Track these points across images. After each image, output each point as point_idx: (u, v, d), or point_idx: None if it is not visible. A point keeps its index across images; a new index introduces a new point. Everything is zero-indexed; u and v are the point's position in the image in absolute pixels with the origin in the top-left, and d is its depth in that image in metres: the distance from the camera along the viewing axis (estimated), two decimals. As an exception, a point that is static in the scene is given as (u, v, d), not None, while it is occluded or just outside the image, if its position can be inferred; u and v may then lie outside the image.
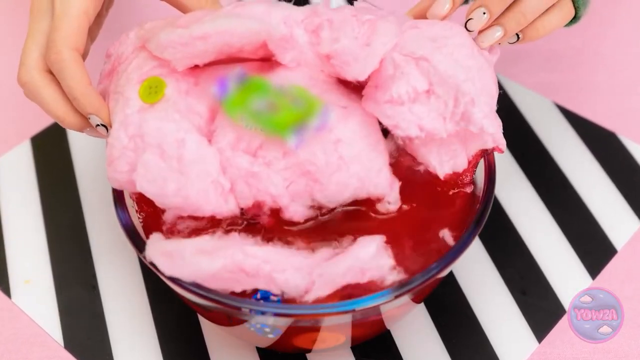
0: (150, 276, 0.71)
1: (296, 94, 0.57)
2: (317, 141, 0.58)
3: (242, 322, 0.60)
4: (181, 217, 0.60)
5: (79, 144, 0.81)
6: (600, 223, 0.74)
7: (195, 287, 0.56)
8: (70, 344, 0.68)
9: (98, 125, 0.61)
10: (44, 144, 0.82)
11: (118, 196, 0.62)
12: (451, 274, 0.71)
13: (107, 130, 0.61)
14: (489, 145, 0.61)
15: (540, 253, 0.72)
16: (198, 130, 0.59)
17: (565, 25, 0.66)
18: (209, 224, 0.60)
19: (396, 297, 0.56)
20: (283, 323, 0.58)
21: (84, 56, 0.63)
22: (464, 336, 0.67)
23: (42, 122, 0.83)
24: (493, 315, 0.68)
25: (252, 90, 0.57)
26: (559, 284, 0.70)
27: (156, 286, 0.71)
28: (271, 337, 0.61)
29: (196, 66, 0.61)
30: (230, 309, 0.56)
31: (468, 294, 0.70)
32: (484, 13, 0.61)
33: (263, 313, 0.56)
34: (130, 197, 0.63)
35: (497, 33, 0.62)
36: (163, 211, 0.60)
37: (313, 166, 0.58)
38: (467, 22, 0.62)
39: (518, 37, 0.64)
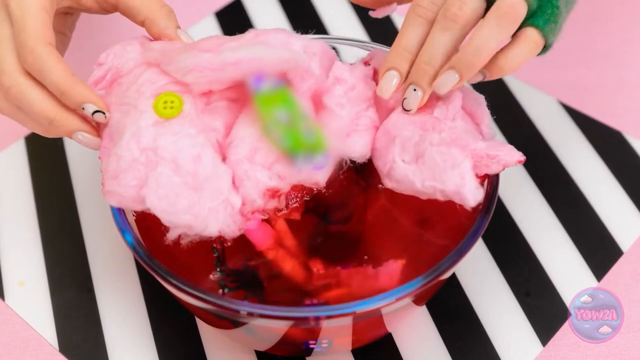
0: (147, 278, 0.71)
1: (312, 127, 0.59)
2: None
3: (241, 324, 0.60)
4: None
5: (74, 143, 0.79)
6: (605, 224, 0.74)
7: (192, 290, 0.56)
8: (65, 347, 0.68)
9: (95, 112, 0.59)
10: (38, 143, 0.81)
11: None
12: (454, 275, 0.70)
13: (105, 116, 0.59)
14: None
15: (545, 254, 0.72)
16: (213, 147, 0.59)
17: (537, 55, 0.62)
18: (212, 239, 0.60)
19: (398, 299, 0.55)
20: (283, 325, 0.58)
21: None
22: (467, 339, 0.67)
23: (37, 121, 0.82)
24: (496, 318, 0.68)
25: (281, 99, 0.59)
26: (564, 286, 0.70)
27: (153, 288, 0.70)
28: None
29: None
30: (227, 311, 0.56)
31: (471, 296, 0.69)
32: (415, 90, 0.60)
33: (261, 315, 0.55)
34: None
35: (452, 77, 0.59)
36: (167, 229, 0.59)
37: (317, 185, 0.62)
38: (403, 102, 0.61)
39: (484, 76, 0.61)
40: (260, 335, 0.63)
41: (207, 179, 0.57)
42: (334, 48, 0.69)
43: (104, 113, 0.59)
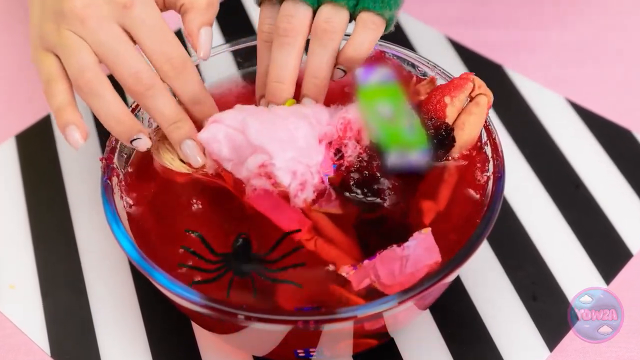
0: (141, 280, 0.70)
1: (415, 124, 0.61)
2: None
3: (238, 329, 0.59)
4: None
5: (66, 142, 0.79)
6: (614, 225, 0.73)
7: (185, 293, 0.56)
8: (57, 352, 0.67)
9: None
10: (29, 142, 0.81)
11: (107, 196, 0.61)
12: (458, 278, 0.70)
13: None
14: None
15: (552, 256, 0.71)
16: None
17: (386, 31, 0.65)
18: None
19: (400, 303, 0.55)
20: (282, 329, 0.58)
21: None
22: (472, 344, 0.67)
23: (28, 120, 0.83)
24: (502, 322, 0.68)
25: (388, 94, 0.61)
26: (572, 290, 0.69)
27: (147, 291, 0.70)
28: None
29: None
30: (224, 315, 0.56)
31: (476, 299, 0.69)
32: None
33: (260, 320, 0.55)
34: (121, 197, 0.63)
35: (308, 103, 0.64)
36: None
37: None
38: None
39: (344, 71, 0.64)
40: (259, 340, 0.62)
41: (305, 137, 0.60)
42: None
43: None
